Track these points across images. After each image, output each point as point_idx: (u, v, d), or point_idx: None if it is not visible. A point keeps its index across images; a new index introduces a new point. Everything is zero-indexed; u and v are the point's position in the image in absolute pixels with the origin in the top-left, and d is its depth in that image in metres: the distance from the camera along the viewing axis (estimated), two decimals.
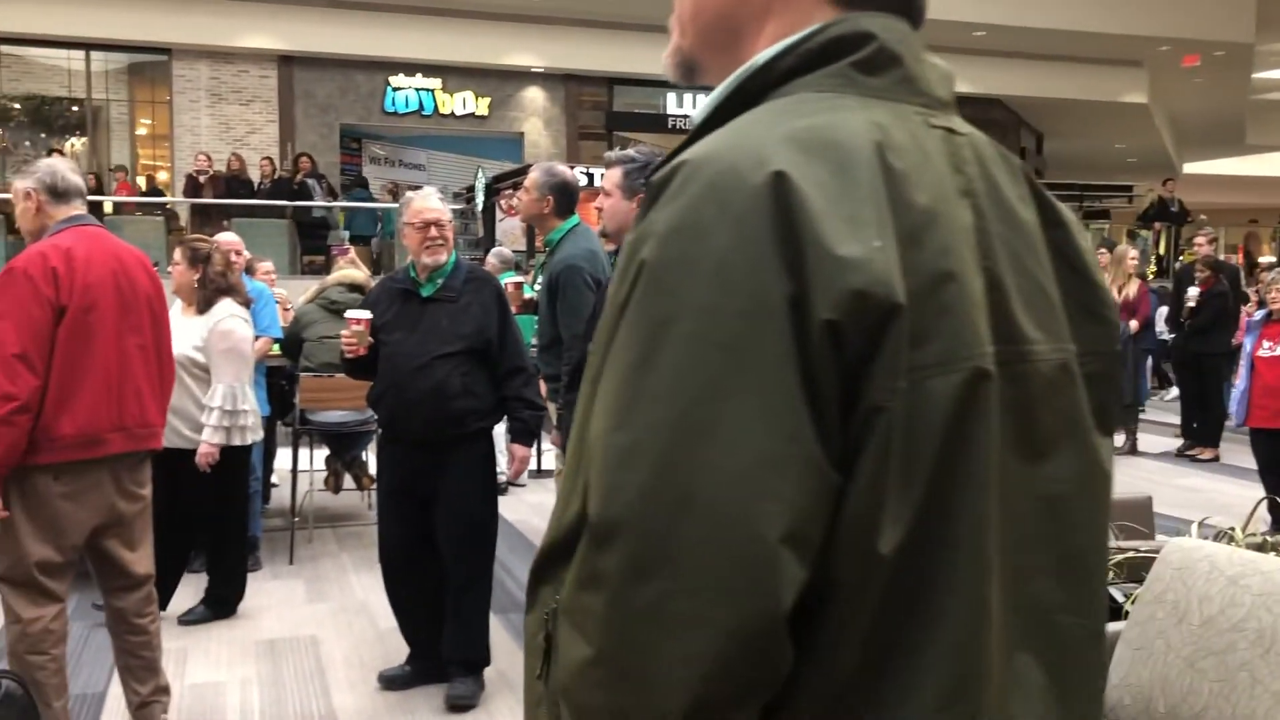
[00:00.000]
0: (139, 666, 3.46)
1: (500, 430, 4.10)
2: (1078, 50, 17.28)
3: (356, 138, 17.73)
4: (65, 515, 3.16)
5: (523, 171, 10.08)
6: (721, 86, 0.98)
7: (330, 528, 6.49)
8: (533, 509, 6.96)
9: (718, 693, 0.78)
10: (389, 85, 17.07)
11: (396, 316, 3.93)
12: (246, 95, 16.36)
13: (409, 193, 4.23)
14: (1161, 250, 17.03)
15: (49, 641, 3.17)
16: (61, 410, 3.08)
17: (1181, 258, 15.22)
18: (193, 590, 5.00)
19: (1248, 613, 2.35)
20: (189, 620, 4.77)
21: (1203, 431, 9.35)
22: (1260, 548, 2.88)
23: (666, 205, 0.84)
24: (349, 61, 16.59)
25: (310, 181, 14.28)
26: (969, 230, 0.89)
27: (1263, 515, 3.39)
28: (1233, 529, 3.13)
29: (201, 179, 14.10)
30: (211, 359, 4.56)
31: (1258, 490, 6.39)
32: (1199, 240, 10.02)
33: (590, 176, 10.75)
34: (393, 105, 17.16)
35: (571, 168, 4.86)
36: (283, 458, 6.55)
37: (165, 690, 3.53)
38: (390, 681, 4.11)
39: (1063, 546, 0.96)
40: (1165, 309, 10.74)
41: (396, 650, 4.28)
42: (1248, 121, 21.33)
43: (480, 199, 13.45)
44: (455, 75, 17.21)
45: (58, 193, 3.27)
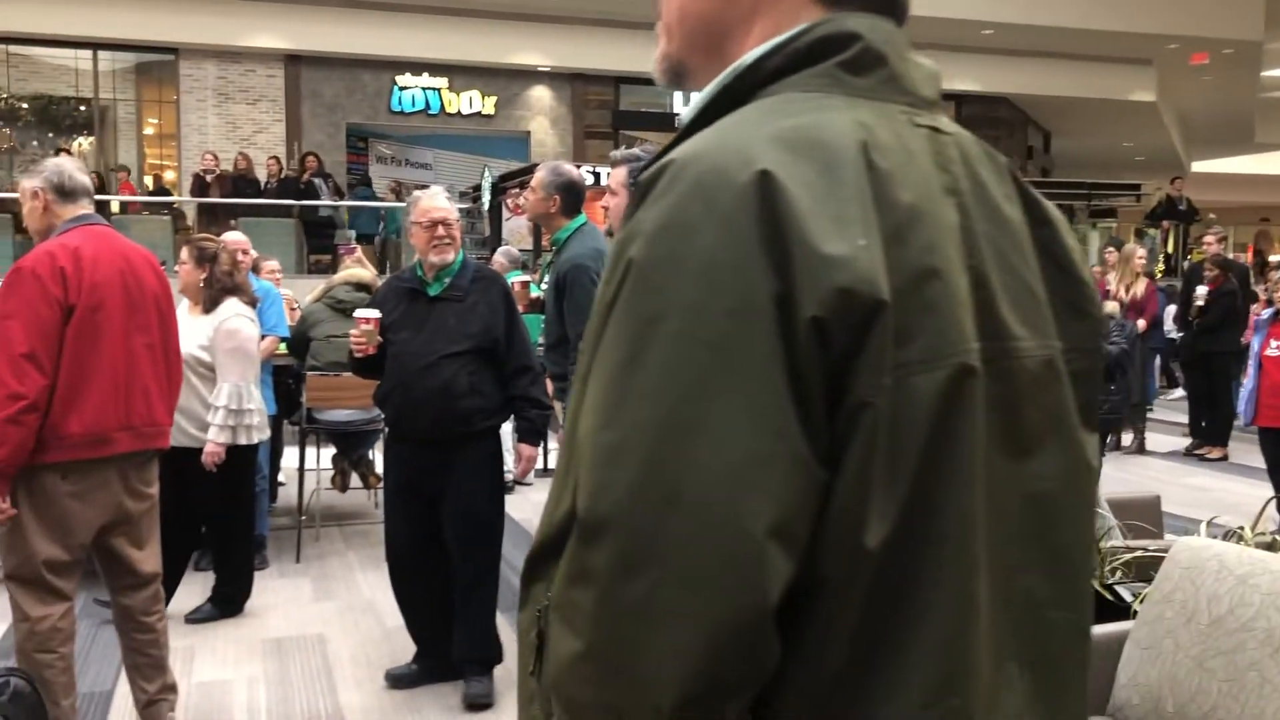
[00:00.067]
0: (146, 665, 3.47)
1: (507, 429, 4.10)
2: (1086, 48, 17.24)
3: (363, 137, 17.76)
4: (73, 514, 3.16)
5: (529, 170, 10.08)
6: (709, 87, 0.98)
7: (337, 526, 6.50)
8: (539, 508, 6.92)
9: (706, 687, 0.78)
10: (395, 84, 17.08)
11: (404, 315, 3.93)
12: (253, 95, 16.38)
13: (416, 192, 4.23)
14: (1170, 249, 16.99)
15: (57, 640, 3.18)
16: (69, 409, 3.09)
17: (1190, 256, 15.19)
18: (200, 589, 5.01)
19: (1257, 612, 2.34)
20: (196, 619, 4.78)
21: (1211, 430, 9.32)
22: (1269, 547, 2.87)
23: (654, 204, 0.84)
24: (356, 61, 16.61)
25: (317, 181, 14.31)
26: (954, 228, 0.90)
27: (1272, 514, 3.38)
28: (1241, 528, 3.12)
29: (208, 178, 14.14)
30: (217, 358, 4.56)
31: (1267, 489, 6.38)
32: (1208, 239, 9.99)
33: (597, 175, 10.74)
34: (399, 104, 17.17)
35: (578, 167, 4.86)
36: (290, 456, 6.56)
37: (172, 688, 3.54)
38: (397, 680, 4.12)
39: (1050, 542, 0.96)
40: (1173, 307, 10.71)
41: (403, 649, 4.28)
42: (1256, 119, 21.27)
43: (486, 198, 13.47)
44: (462, 74, 17.22)
45: (65, 192, 3.27)
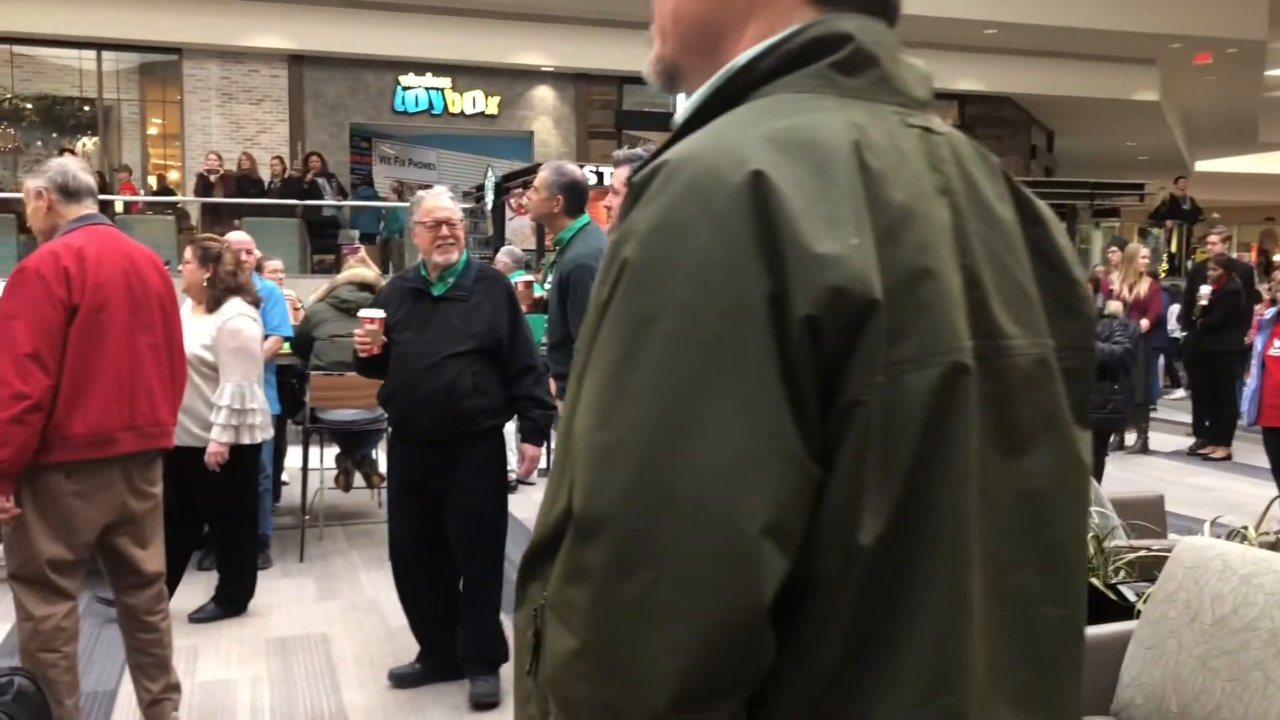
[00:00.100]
0: (150, 664, 3.48)
1: (511, 429, 4.10)
2: (1089, 48, 17.21)
3: (366, 137, 17.76)
4: (77, 514, 3.17)
5: (532, 170, 10.06)
6: (703, 88, 0.98)
7: (340, 526, 6.50)
8: None
9: (701, 685, 0.78)
10: (399, 84, 17.08)
11: (408, 315, 3.93)
12: (257, 95, 16.39)
13: (420, 192, 4.23)
14: (1173, 248, 16.96)
15: (60, 639, 3.19)
16: (73, 409, 3.09)
17: (1194, 256, 15.17)
18: (203, 588, 5.02)
19: (1261, 612, 2.34)
20: (199, 618, 4.78)
21: (1215, 430, 9.31)
22: (1273, 546, 2.87)
23: (648, 205, 0.84)
24: (359, 61, 16.61)
25: (320, 181, 14.31)
26: (947, 228, 0.90)
27: (1275, 514, 3.37)
28: (1245, 528, 3.11)
29: (212, 178, 14.14)
30: (220, 358, 4.57)
31: (1270, 489, 6.37)
32: (1212, 238, 9.98)
33: (600, 175, 10.74)
34: (402, 104, 17.16)
35: (581, 167, 4.87)
36: (293, 456, 6.57)
37: (176, 688, 3.54)
38: (400, 679, 4.12)
39: (1043, 539, 0.97)
40: (1177, 307, 10.70)
41: (406, 648, 4.29)
42: (1260, 119, 21.22)
43: (490, 198, 13.46)
44: (465, 74, 17.22)
45: (69, 192, 3.27)
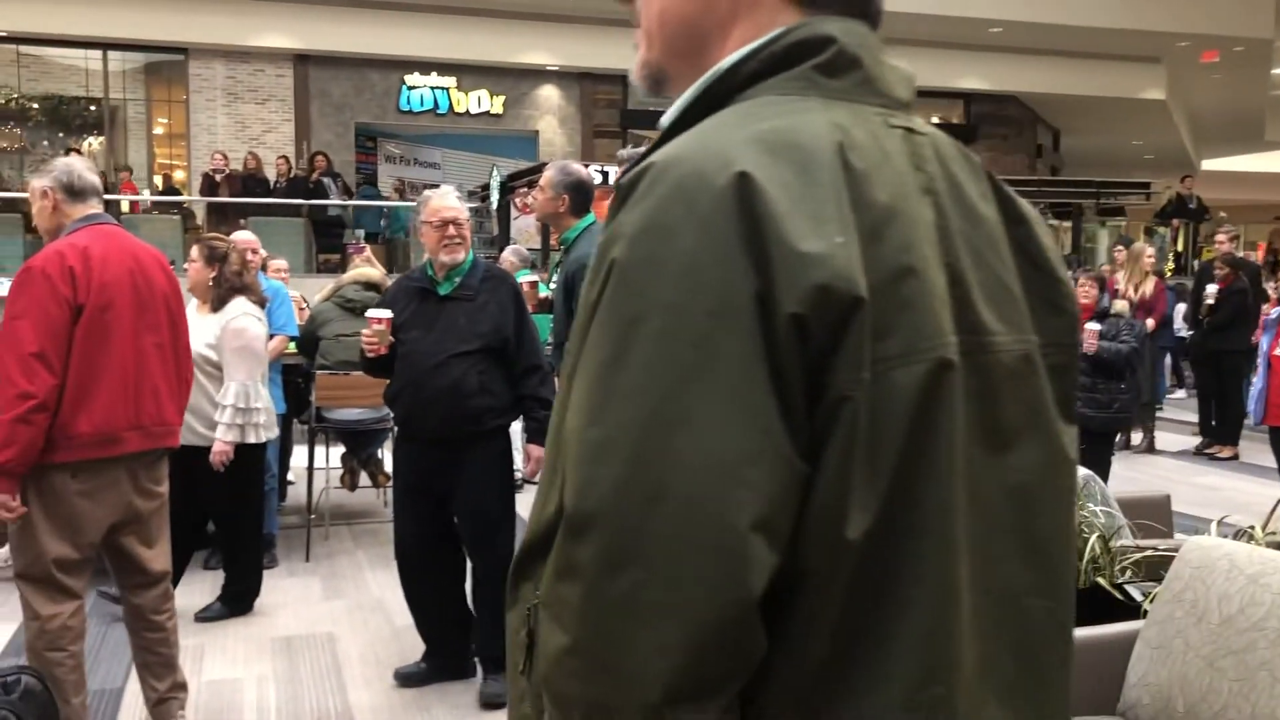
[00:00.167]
0: (156, 663, 3.48)
1: (517, 428, 4.10)
2: (1095, 46, 17.18)
3: (372, 136, 17.78)
4: (82, 513, 3.17)
5: (538, 170, 10.08)
6: (689, 91, 0.99)
7: (346, 525, 6.51)
8: None
9: (692, 681, 0.79)
10: (404, 84, 17.10)
11: (414, 315, 3.93)
12: (262, 94, 16.42)
13: (427, 191, 4.23)
14: (1179, 247, 16.93)
15: (67, 638, 3.19)
16: (79, 409, 3.09)
17: (1200, 255, 15.13)
18: (209, 587, 5.02)
19: (1268, 611, 2.33)
20: (205, 617, 4.79)
21: (1222, 429, 9.29)
22: None
23: (635, 207, 0.85)
24: (364, 60, 16.63)
25: (326, 180, 14.34)
26: (930, 226, 0.91)
27: None
28: (1252, 527, 3.11)
29: (218, 178, 14.17)
30: (224, 357, 4.57)
31: (1277, 489, 6.35)
32: (1220, 237, 9.96)
33: (605, 175, 10.73)
34: (408, 104, 17.19)
35: (586, 166, 4.86)
36: (299, 455, 6.57)
37: (182, 687, 3.55)
38: (406, 678, 4.12)
39: (1029, 534, 0.97)
40: (1183, 306, 10.68)
41: (412, 647, 4.29)
42: (1267, 117, 21.18)
43: (495, 197, 13.47)
44: (470, 74, 17.24)
45: (74, 191, 3.28)
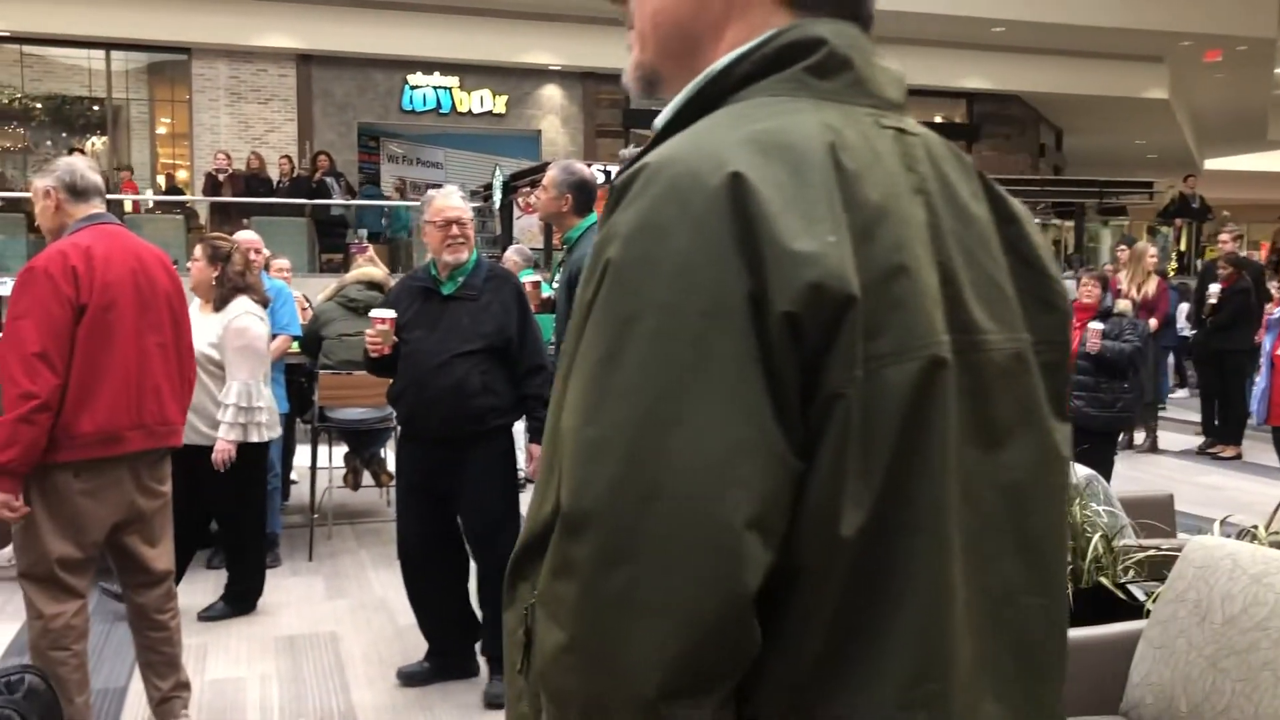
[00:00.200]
0: (160, 662, 3.49)
1: (520, 428, 4.10)
2: (1098, 46, 17.17)
3: (374, 136, 17.79)
4: (85, 512, 3.18)
5: (540, 169, 10.09)
6: (682, 93, 1.00)
7: (349, 524, 6.51)
8: None
9: (688, 677, 0.80)
10: (407, 83, 17.11)
11: (417, 315, 3.93)
12: (265, 94, 16.43)
13: (430, 191, 4.23)
14: (1182, 247, 16.90)
15: (70, 637, 3.20)
16: (81, 408, 3.10)
17: (1203, 254, 15.11)
18: (212, 586, 5.03)
19: (1271, 611, 2.33)
20: (209, 616, 4.79)
21: (1225, 429, 9.27)
22: None
23: (629, 207, 0.86)
24: (367, 60, 16.64)
25: (329, 180, 14.33)
26: (922, 226, 0.92)
27: None
28: (1255, 527, 3.10)
29: (221, 177, 14.17)
30: (226, 356, 4.58)
31: None
32: (1223, 236, 9.95)
33: (608, 174, 10.70)
34: (410, 103, 17.19)
35: (589, 165, 4.85)
36: (302, 455, 6.57)
37: (186, 686, 3.55)
38: (409, 678, 4.12)
39: (1022, 531, 0.98)
40: (1186, 305, 10.67)
41: (415, 647, 4.29)
42: (1270, 117, 21.18)
43: (498, 197, 13.47)
44: (473, 73, 17.25)
45: (77, 191, 3.28)
